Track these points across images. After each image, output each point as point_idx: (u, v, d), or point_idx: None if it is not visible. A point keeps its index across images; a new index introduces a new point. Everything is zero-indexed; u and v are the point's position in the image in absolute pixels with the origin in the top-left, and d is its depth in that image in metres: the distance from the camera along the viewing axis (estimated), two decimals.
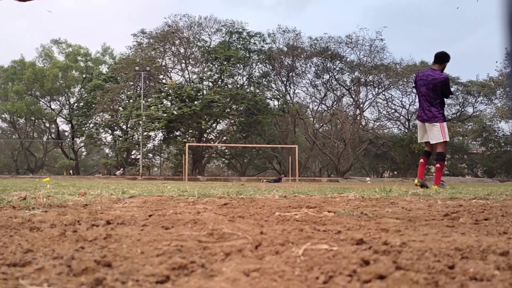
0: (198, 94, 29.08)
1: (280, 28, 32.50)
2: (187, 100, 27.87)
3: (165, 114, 27.19)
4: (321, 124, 36.08)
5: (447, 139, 5.96)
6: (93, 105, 32.23)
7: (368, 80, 33.27)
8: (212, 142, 32.25)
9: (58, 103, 38.59)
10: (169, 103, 29.03)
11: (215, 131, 33.54)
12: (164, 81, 31.80)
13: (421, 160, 6.31)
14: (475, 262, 0.74)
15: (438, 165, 6.16)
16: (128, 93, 32.21)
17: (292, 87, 34.25)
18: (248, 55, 31.48)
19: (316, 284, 0.62)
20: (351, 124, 33.58)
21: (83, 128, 34.60)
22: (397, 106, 36.42)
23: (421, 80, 6.18)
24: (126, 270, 0.69)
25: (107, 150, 38.37)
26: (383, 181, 22.46)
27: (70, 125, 38.13)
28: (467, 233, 1.13)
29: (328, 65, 32.98)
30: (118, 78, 32.54)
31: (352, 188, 5.20)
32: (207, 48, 30.99)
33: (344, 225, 1.23)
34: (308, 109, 36.61)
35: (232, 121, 30.94)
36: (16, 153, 38.84)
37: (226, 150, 34.94)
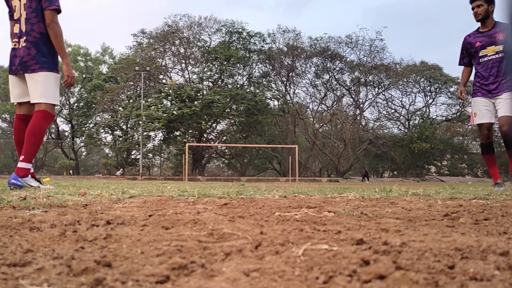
0: (198, 94, 29.09)
1: (280, 28, 32.59)
2: (187, 100, 27.87)
3: (165, 114, 27.20)
4: (321, 124, 36.10)
5: (472, 123, 4.74)
6: (93, 105, 32.26)
7: (368, 80, 33.31)
8: (212, 142, 32.26)
9: (58, 103, 38.57)
10: (169, 103, 29.05)
11: (215, 131, 33.57)
12: (164, 81, 31.81)
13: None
14: (475, 262, 0.74)
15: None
16: (128, 93, 32.23)
17: (292, 87, 34.30)
18: (248, 55, 31.49)
19: (316, 284, 0.62)
20: (351, 124, 33.59)
21: (83, 128, 34.62)
22: (397, 106, 36.49)
23: None
24: (126, 270, 0.69)
25: (107, 150, 38.40)
26: (383, 181, 22.46)
27: (70, 125, 38.14)
28: (467, 233, 1.13)
29: (328, 65, 33.02)
30: (118, 78, 32.57)
31: (352, 188, 5.21)
32: (207, 48, 31.00)
33: (344, 225, 1.23)
34: (308, 109, 36.66)
35: (232, 121, 30.94)
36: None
37: (226, 150, 34.95)
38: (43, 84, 3.55)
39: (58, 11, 3.62)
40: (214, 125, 32.63)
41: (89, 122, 35.01)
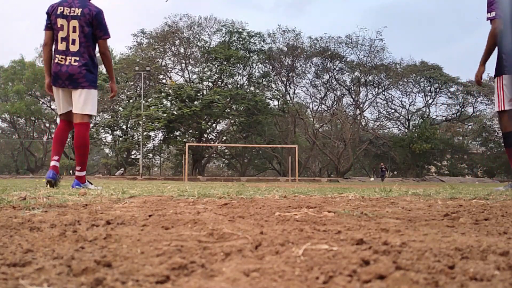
0: (198, 94, 29.09)
1: (280, 28, 32.62)
2: (187, 100, 27.87)
3: (165, 114, 27.20)
4: (321, 124, 36.11)
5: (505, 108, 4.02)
6: None
7: (368, 80, 33.32)
8: (212, 142, 32.26)
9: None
10: (169, 103, 29.05)
11: (215, 131, 33.57)
12: (164, 81, 31.81)
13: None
14: (475, 262, 0.74)
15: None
16: (128, 93, 32.23)
17: (292, 87, 34.31)
18: (248, 55, 31.48)
19: (316, 284, 0.62)
20: (351, 124, 33.60)
21: None
22: (397, 106, 36.51)
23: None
24: (126, 270, 0.69)
25: (107, 150, 38.38)
26: (383, 181, 22.45)
27: None
28: (467, 233, 1.13)
29: (328, 65, 33.03)
30: (118, 78, 32.53)
31: (352, 188, 5.20)
32: (207, 48, 31.00)
33: (344, 225, 1.23)
34: (308, 109, 36.66)
35: (232, 121, 30.94)
36: (16, 153, 38.85)
37: (226, 150, 34.95)
38: (92, 100, 4.21)
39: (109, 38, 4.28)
40: (214, 125, 32.63)
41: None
